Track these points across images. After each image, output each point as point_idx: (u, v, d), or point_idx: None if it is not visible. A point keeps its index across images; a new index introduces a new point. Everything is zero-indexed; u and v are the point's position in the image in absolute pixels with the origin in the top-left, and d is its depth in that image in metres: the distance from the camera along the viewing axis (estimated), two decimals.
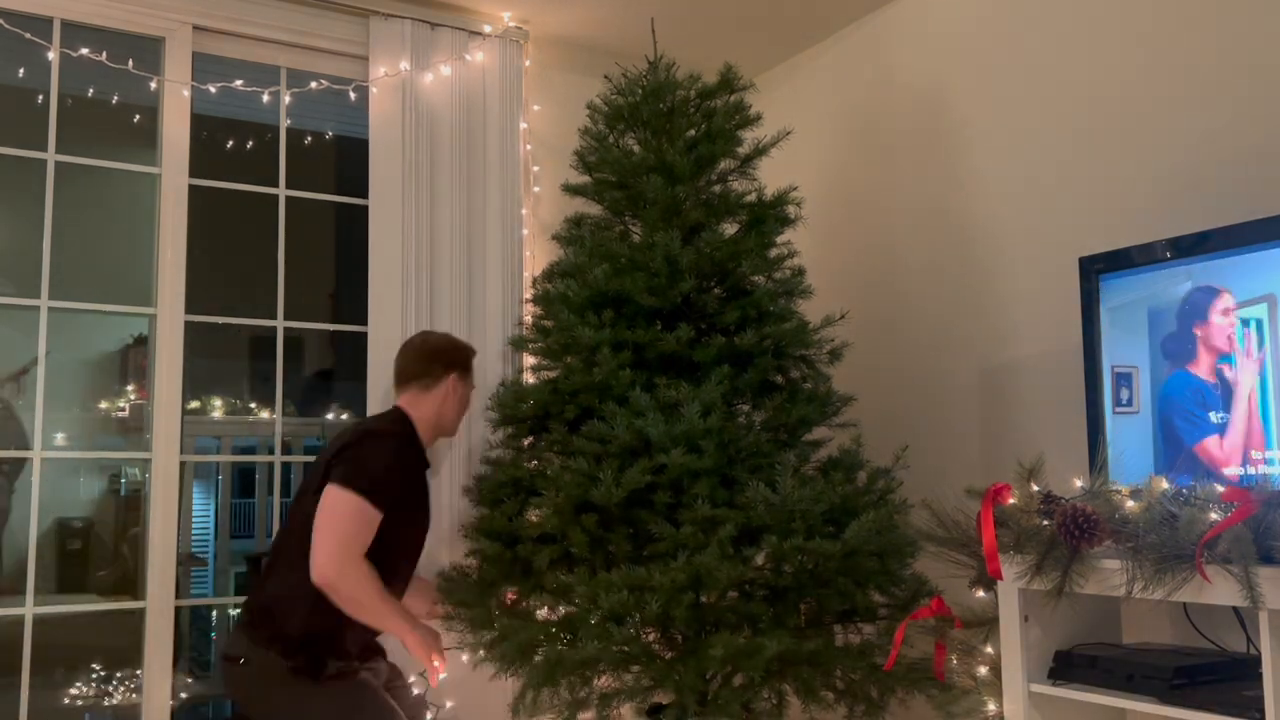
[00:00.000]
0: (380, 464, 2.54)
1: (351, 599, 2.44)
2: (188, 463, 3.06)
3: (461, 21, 3.35)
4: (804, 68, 3.74)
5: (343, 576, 2.42)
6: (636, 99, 2.79)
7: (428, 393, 2.75)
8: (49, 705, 3.47)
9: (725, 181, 2.82)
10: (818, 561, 2.34)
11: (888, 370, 3.28)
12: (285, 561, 2.54)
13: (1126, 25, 2.63)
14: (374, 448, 2.56)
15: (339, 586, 2.42)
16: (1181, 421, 2.14)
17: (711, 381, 2.46)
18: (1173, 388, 2.17)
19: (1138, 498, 1.97)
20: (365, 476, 2.48)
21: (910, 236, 3.25)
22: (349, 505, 2.45)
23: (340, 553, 2.42)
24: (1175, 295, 2.20)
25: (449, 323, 3.19)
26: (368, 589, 2.46)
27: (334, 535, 2.43)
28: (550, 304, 2.73)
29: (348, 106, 3.31)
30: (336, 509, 2.45)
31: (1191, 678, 1.93)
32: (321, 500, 2.47)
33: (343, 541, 2.43)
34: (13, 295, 2.89)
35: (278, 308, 3.16)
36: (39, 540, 2.83)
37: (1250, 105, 2.34)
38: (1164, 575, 1.86)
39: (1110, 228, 2.60)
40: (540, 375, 2.86)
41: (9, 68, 3.02)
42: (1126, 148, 2.61)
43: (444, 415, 2.78)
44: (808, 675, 2.36)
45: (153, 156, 3.05)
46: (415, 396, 2.75)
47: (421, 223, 3.19)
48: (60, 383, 3.69)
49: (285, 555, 2.55)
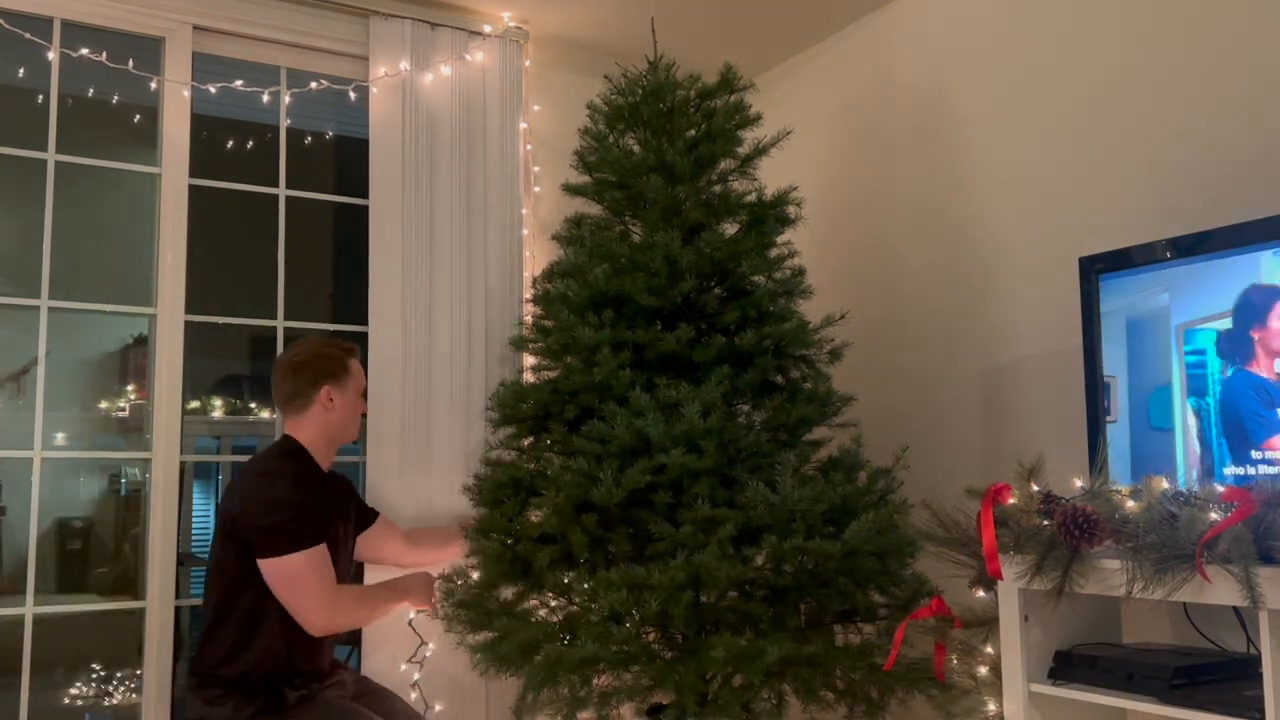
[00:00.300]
0: (288, 512, 2.44)
1: (354, 625, 2.54)
2: (188, 463, 3.06)
3: (461, 21, 3.35)
4: (804, 68, 3.74)
5: (337, 623, 2.48)
6: (636, 99, 2.79)
7: (306, 413, 2.62)
8: (49, 705, 3.46)
9: (725, 181, 2.82)
10: (818, 561, 2.34)
11: (888, 370, 3.28)
12: (213, 620, 2.51)
13: (1126, 25, 2.63)
14: (271, 503, 2.46)
15: (342, 629, 2.50)
16: (1249, 421, 2.10)
17: (711, 381, 2.46)
18: (1234, 387, 2.13)
19: (1138, 498, 1.97)
20: (285, 534, 2.41)
21: (910, 236, 3.25)
22: (294, 566, 2.41)
23: (323, 607, 2.42)
24: (1157, 305, 2.20)
25: (449, 323, 3.18)
26: (359, 611, 2.57)
27: (306, 597, 2.41)
28: (550, 304, 2.73)
29: (348, 106, 3.31)
30: (288, 577, 2.41)
31: (1191, 678, 1.93)
32: (268, 579, 2.42)
33: (316, 597, 2.42)
34: (13, 295, 2.90)
35: (278, 308, 3.16)
36: (39, 540, 2.83)
37: (1251, 105, 2.34)
38: (1164, 575, 1.86)
39: (1110, 228, 2.60)
40: (540, 375, 2.86)
41: (9, 68, 3.02)
42: (1126, 148, 2.61)
43: (332, 429, 2.65)
44: (807, 675, 2.36)
45: (153, 156, 3.05)
46: (297, 421, 2.63)
47: (421, 223, 3.19)
48: (60, 383, 3.68)
49: (213, 614, 2.51)
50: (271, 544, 2.41)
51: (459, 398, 3.17)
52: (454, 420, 3.15)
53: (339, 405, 2.65)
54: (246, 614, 2.46)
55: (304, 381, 2.62)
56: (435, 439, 3.12)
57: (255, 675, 2.44)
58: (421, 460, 3.09)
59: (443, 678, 2.97)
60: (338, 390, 2.64)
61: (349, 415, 2.68)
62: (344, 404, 2.66)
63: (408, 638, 2.90)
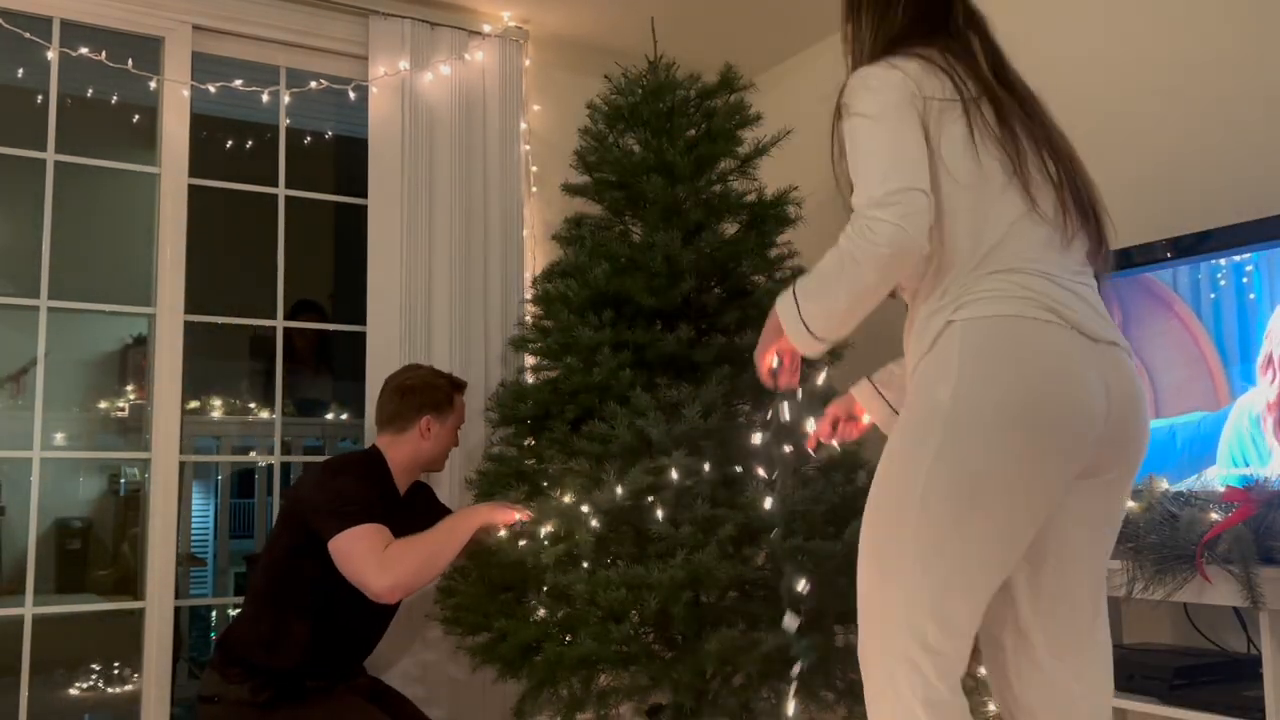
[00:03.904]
0: (350, 492, 2.47)
1: (425, 572, 2.44)
2: (187, 463, 3.06)
3: (461, 21, 3.35)
4: (804, 68, 3.74)
5: (401, 587, 2.41)
6: (637, 99, 2.79)
7: (402, 435, 2.67)
8: (49, 705, 3.46)
9: (725, 181, 2.81)
10: (818, 561, 2.34)
11: None
12: (251, 599, 2.57)
13: (1127, 25, 2.62)
14: (333, 489, 2.49)
15: (412, 583, 2.42)
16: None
17: (712, 382, 2.45)
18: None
19: (1138, 498, 1.97)
20: (340, 514, 2.42)
21: None
22: (352, 542, 2.40)
23: (380, 570, 2.38)
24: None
25: (448, 323, 3.18)
26: (420, 564, 2.42)
27: (363, 567, 2.39)
28: (550, 304, 2.73)
29: (347, 106, 3.31)
30: (346, 553, 2.40)
31: (1191, 678, 1.93)
32: (334, 557, 2.42)
33: (371, 564, 2.39)
34: (13, 295, 2.89)
35: (278, 308, 3.16)
36: (38, 540, 2.83)
37: (1253, 105, 2.34)
38: (1164, 575, 1.86)
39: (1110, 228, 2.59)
40: (540, 375, 2.86)
41: (9, 68, 3.02)
42: (1127, 147, 2.61)
43: (422, 456, 2.69)
44: (807, 675, 2.35)
45: (152, 156, 3.04)
46: (390, 439, 2.68)
47: (421, 223, 3.19)
48: (60, 383, 3.68)
49: (251, 593, 2.58)
50: (332, 524, 2.42)
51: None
52: None
53: (434, 436, 2.69)
54: (284, 608, 2.48)
55: (409, 406, 2.67)
56: None
57: (278, 668, 2.45)
58: None
59: (443, 678, 2.97)
60: (437, 421, 2.69)
61: (441, 447, 2.73)
62: (440, 435, 2.71)
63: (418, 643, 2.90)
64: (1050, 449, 1.47)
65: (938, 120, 1.58)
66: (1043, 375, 1.48)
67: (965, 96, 1.60)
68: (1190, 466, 2.11)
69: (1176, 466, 2.12)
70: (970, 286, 1.54)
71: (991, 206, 1.57)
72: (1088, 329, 1.52)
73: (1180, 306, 2.21)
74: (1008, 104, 1.64)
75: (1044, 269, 1.55)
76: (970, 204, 1.57)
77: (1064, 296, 1.53)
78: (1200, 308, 2.17)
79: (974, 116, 1.59)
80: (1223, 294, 2.12)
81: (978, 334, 1.51)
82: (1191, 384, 2.17)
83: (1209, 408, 2.12)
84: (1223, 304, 2.12)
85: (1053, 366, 1.49)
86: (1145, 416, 1.59)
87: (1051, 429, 1.46)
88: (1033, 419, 1.46)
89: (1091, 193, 1.67)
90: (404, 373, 2.78)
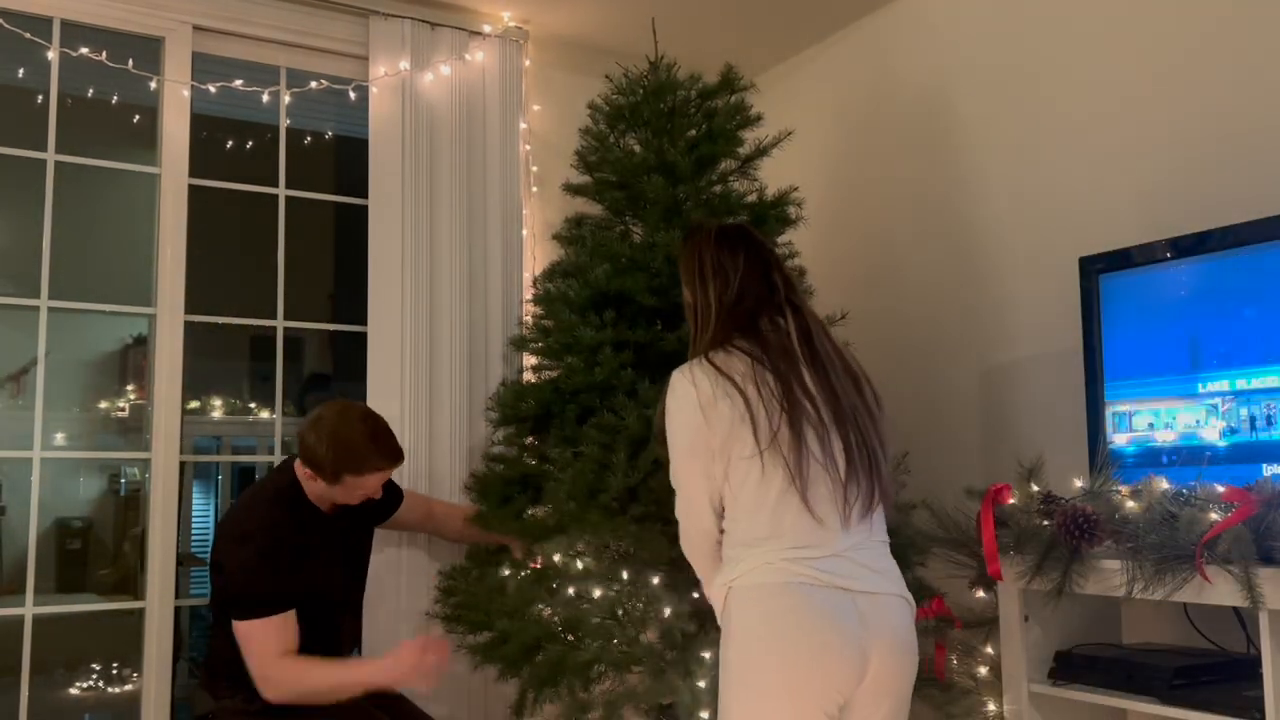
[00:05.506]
0: (252, 576, 2.40)
1: (304, 698, 2.37)
2: (187, 463, 3.06)
3: (461, 21, 3.35)
4: (804, 68, 3.74)
5: (281, 692, 2.36)
6: (637, 99, 2.79)
7: (316, 481, 2.49)
8: (49, 705, 3.47)
9: (726, 182, 2.81)
10: None
11: (888, 370, 3.26)
12: (216, 614, 2.52)
13: (1126, 25, 2.63)
14: (238, 569, 2.41)
15: (286, 699, 2.37)
16: None
17: None
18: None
19: (1138, 498, 1.98)
20: (246, 601, 2.39)
21: (910, 236, 3.25)
22: (250, 633, 2.38)
23: (261, 678, 2.37)
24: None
25: (449, 323, 3.18)
26: (310, 684, 2.38)
27: (254, 662, 2.37)
28: (551, 304, 2.73)
29: (348, 106, 3.31)
30: (244, 639, 2.38)
31: (1191, 678, 1.93)
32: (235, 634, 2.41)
33: (264, 663, 2.37)
34: (13, 295, 2.89)
35: (278, 308, 3.16)
36: (39, 540, 2.83)
37: (1253, 105, 2.34)
38: (1164, 575, 1.87)
39: (1110, 228, 2.60)
40: (541, 375, 2.86)
41: (9, 68, 3.02)
42: (1127, 147, 2.61)
43: (335, 499, 2.53)
44: None
45: (152, 156, 3.04)
46: (307, 473, 2.50)
47: (421, 223, 3.19)
48: (60, 383, 3.68)
49: (216, 608, 2.52)
50: (237, 608, 2.40)
51: (459, 398, 3.16)
52: (454, 420, 3.15)
53: (349, 487, 2.49)
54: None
55: (327, 452, 2.44)
56: (436, 439, 3.12)
57: None
58: (422, 460, 3.08)
59: (443, 676, 2.96)
60: (331, 487, 2.49)
61: (352, 500, 2.55)
62: (340, 492, 2.51)
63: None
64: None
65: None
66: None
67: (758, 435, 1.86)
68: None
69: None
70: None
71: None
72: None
73: (1180, 307, 2.21)
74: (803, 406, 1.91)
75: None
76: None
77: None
78: (1200, 307, 2.17)
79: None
80: (1223, 294, 2.13)
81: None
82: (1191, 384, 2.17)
83: None
84: (1223, 304, 2.12)
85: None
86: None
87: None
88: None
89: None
90: (335, 420, 2.48)
